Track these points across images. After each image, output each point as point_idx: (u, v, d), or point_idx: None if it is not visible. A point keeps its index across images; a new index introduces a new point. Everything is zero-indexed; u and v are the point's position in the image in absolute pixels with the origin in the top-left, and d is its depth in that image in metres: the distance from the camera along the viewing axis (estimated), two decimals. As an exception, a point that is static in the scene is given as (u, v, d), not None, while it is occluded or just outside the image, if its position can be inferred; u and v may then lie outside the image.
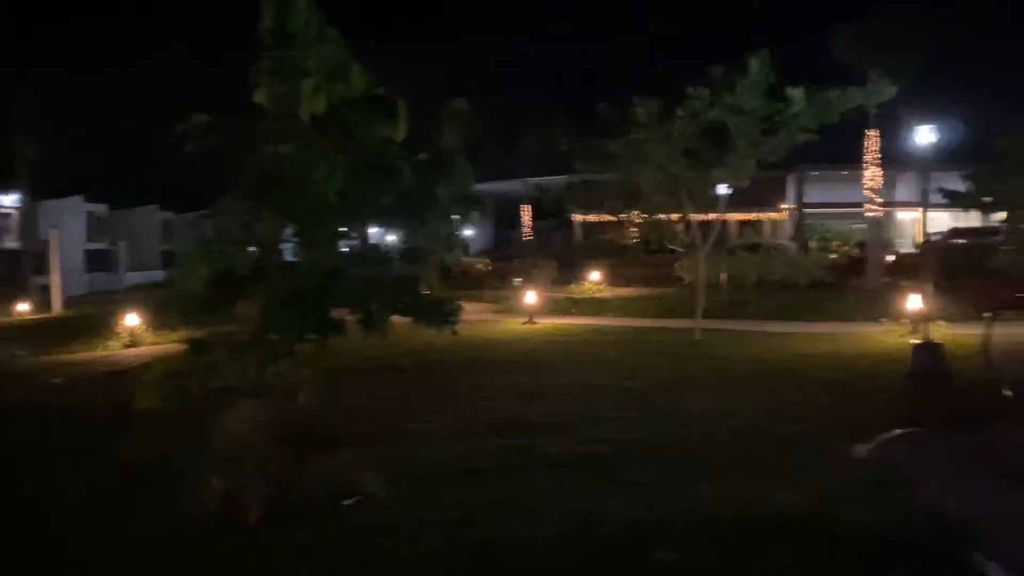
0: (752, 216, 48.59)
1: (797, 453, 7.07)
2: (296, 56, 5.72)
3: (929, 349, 10.67)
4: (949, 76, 50.23)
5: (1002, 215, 20.04)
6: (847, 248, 35.55)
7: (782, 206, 49.62)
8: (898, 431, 7.74)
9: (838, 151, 31.36)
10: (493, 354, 14.10)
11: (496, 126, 37.55)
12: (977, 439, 7.49)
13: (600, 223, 38.59)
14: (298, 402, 6.23)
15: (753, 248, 32.52)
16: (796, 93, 13.12)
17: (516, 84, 64.87)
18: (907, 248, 39.92)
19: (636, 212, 17.46)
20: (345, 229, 6.40)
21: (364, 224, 6.70)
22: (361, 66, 5.86)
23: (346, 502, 6.07)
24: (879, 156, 26.94)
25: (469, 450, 7.52)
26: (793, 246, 37.32)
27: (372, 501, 6.00)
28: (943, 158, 34.82)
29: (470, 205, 6.41)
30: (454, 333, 6.17)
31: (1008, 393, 7.53)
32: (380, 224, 7.14)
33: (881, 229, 29.16)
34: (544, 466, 6.85)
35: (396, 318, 6.01)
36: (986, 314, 11.16)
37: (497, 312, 20.85)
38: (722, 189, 17.14)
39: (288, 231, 6.20)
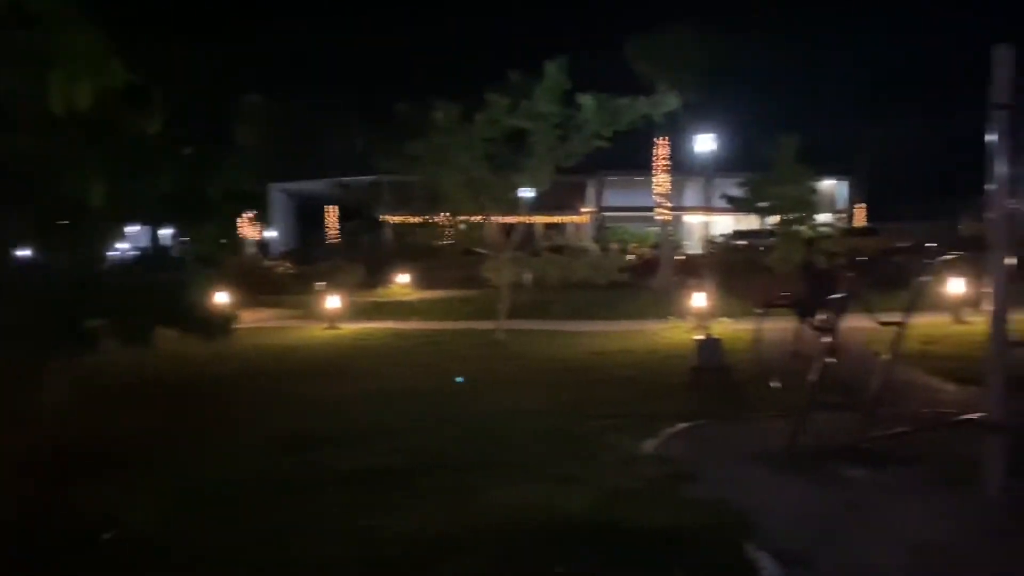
0: (556, 219, 50.25)
1: (589, 452, 7.17)
2: (39, 40, 5.02)
3: (710, 344, 11.36)
4: (733, 87, 54.31)
5: (775, 218, 21.88)
6: (644, 250, 37.56)
7: (584, 209, 51.73)
8: (681, 425, 8.11)
9: (637, 157, 33.04)
10: (289, 363, 13.46)
11: (303, 124, 36.32)
12: (748, 428, 8.01)
13: (411, 224, 38.34)
14: (54, 426, 5.53)
15: (557, 250, 33.51)
16: (587, 100, 13.59)
17: (323, 81, 63.07)
18: (696, 250, 42.68)
19: (442, 214, 17.40)
20: (106, 231, 5.75)
21: (124, 224, 6.04)
22: (119, 56, 5.26)
23: (106, 536, 5.45)
24: (668, 163, 28.69)
25: (253, 469, 7.02)
26: (595, 248, 38.91)
27: (135, 533, 5.42)
28: (725, 165, 37.62)
29: (245, 203, 5.97)
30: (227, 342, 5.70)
31: (776, 384, 8.07)
32: (146, 224, 6.49)
33: (671, 232, 31.04)
34: (333, 482, 6.51)
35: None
36: (758, 311, 12.05)
37: (297, 318, 20.05)
38: (525, 192, 17.46)
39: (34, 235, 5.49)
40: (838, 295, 8.79)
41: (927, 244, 31.99)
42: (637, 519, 5.35)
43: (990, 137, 5.43)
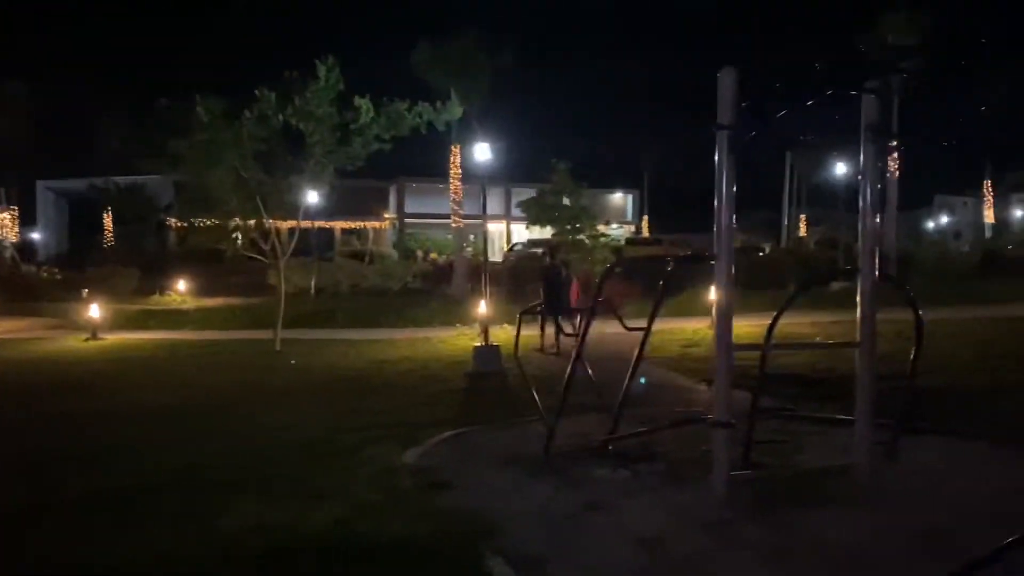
0: (355, 224, 49.47)
1: (348, 466, 6.95)
2: None
3: (487, 351, 11.50)
4: (527, 98, 56.12)
5: (554, 229, 22.60)
6: (444, 257, 37.73)
7: (385, 215, 51.29)
8: (448, 433, 8.07)
9: (439, 164, 33.02)
10: (40, 377, 12.16)
11: (71, 117, 33.20)
12: (513, 433, 8.11)
13: (197, 228, 36.11)
14: None
15: (356, 256, 32.85)
16: (364, 103, 13.39)
17: (97, 73, 58.23)
18: (495, 258, 43.49)
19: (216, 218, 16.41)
20: None
21: None
22: None
23: None
24: (460, 170, 28.92)
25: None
26: (395, 254, 38.62)
27: None
28: (522, 175, 38.54)
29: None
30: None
31: (536, 396, 8.15)
32: None
33: (466, 239, 31.42)
34: (61, 507, 5.87)
35: None
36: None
37: (55, 328, 18.25)
38: (310, 196, 16.89)
39: None
40: (602, 300, 9.10)
41: (707, 254, 34.54)
42: (380, 533, 5.19)
43: (716, 157, 5.79)
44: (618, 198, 63.43)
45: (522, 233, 45.13)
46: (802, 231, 52.24)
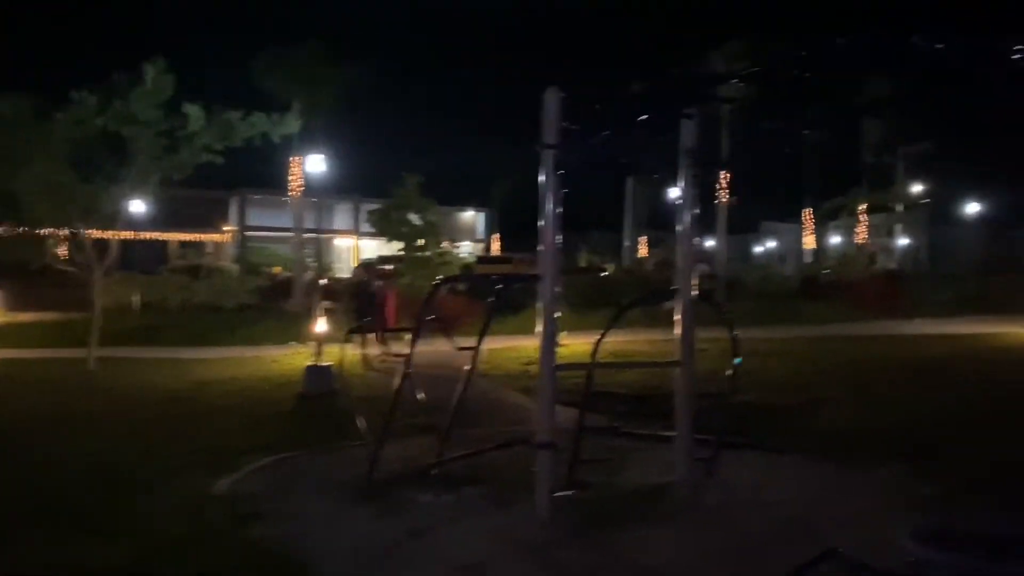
0: (193, 237, 47.04)
1: (152, 496, 6.39)
2: None
3: (319, 371, 11.05)
4: (374, 112, 55.49)
5: (399, 245, 22.25)
6: (288, 272, 36.40)
7: (225, 228, 49.07)
8: (268, 459, 7.62)
9: (285, 175, 31.79)
10: None
11: None
12: (339, 457, 7.76)
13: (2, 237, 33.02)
14: None
15: (193, 270, 31.10)
16: (193, 110, 12.66)
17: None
18: (344, 273, 42.52)
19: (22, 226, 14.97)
20: None
21: None
22: None
23: None
24: (302, 182, 27.95)
25: None
26: (236, 268, 36.92)
27: None
28: (373, 188, 37.76)
29: None
30: None
31: (360, 418, 7.81)
32: None
33: (308, 253, 30.48)
34: None
35: None
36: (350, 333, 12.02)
37: None
38: (133, 206, 15.76)
39: None
40: (432, 319, 8.92)
41: (532, 274, 35.19)
42: (178, 573, 4.76)
43: (540, 177, 5.78)
44: (469, 216, 63.80)
45: (374, 248, 44.39)
46: (642, 252, 54.31)
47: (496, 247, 58.69)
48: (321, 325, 14.74)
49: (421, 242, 19.81)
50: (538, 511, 5.66)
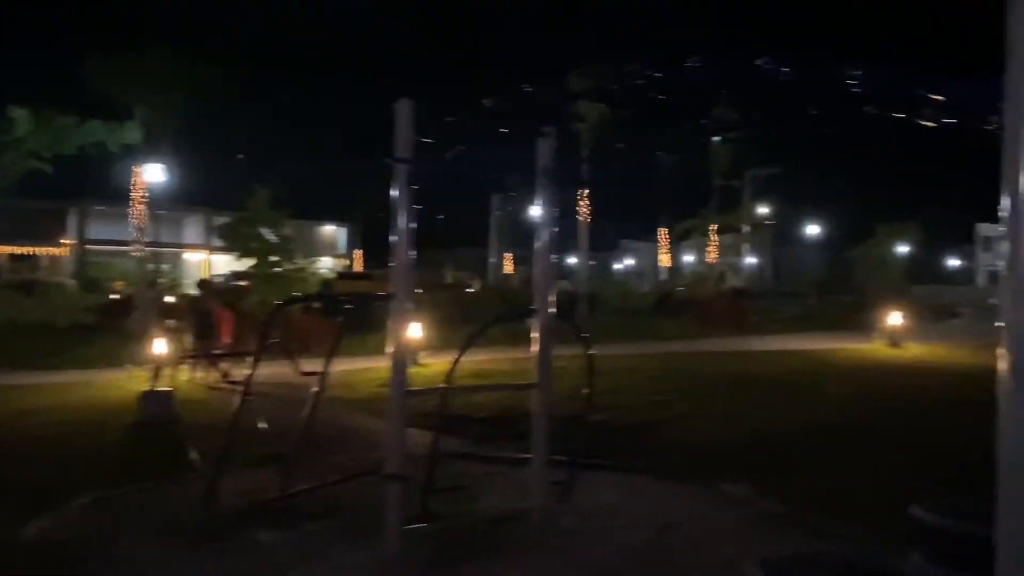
0: (25, 250, 43.51)
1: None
2: None
3: (156, 397, 10.26)
4: (238, 120, 53.28)
5: (249, 261, 21.21)
6: (131, 288, 34.15)
7: (63, 241, 45.68)
8: (91, 497, 6.90)
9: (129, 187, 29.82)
10: None
11: None
12: (174, 492, 7.15)
13: None
14: None
15: (26, 286, 28.61)
16: (21, 114, 11.58)
17: None
18: (193, 290, 40.32)
19: None
20: None
21: None
22: None
23: None
24: (145, 193, 26.28)
25: None
26: (73, 284, 34.33)
27: None
28: (228, 201, 36.11)
29: None
30: None
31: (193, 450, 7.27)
32: None
33: (152, 269, 28.72)
34: None
35: None
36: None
37: None
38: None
39: None
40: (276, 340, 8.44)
41: (385, 292, 34.80)
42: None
43: (393, 192, 5.54)
44: (330, 230, 62.39)
45: (226, 264, 42.42)
46: (508, 269, 54.75)
47: (358, 263, 57.61)
48: (159, 346, 13.80)
49: (274, 258, 18.97)
50: (387, 546, 5.35)
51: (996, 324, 2.46)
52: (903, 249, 39.08)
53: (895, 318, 18.99)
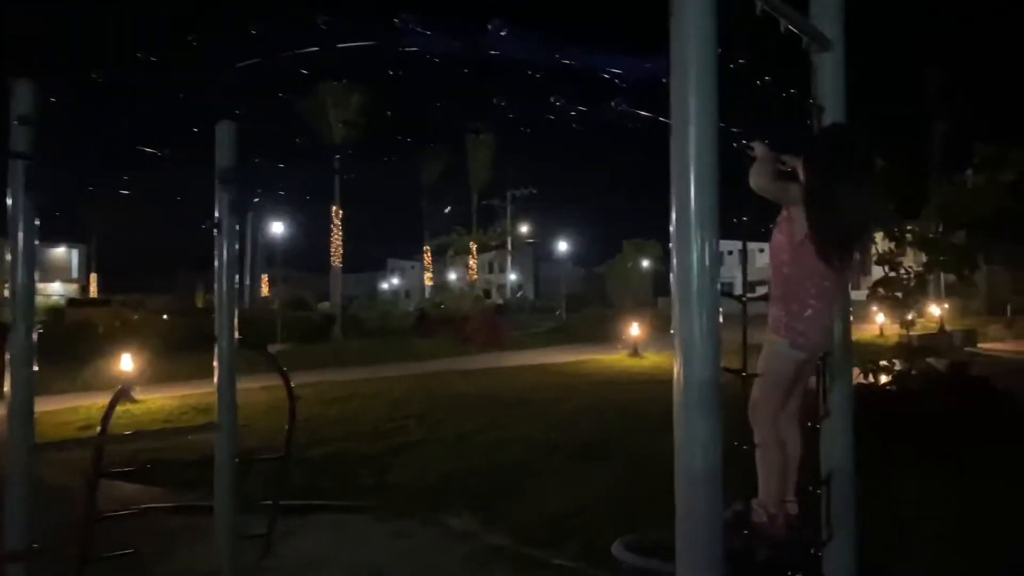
0: None
1: None
2: None
3: None
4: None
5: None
6: None
7: None
8: None
9: None
10: None
11: None
12: None
13: None
14: None
15: None
16: None
17: None
18: None
19: None
20: None
21: None
22: None
23: None
24: None
25: None
26: None
27: None
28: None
29: None
30: None
31: None
32: None
33: None
34: None
35: None
36: None
37: None
38: None
39: None
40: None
41: (163, 315, 31.90)
42: None
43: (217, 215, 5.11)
44: (60, 252, 56.10)
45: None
46: (264, 291, 52.05)
47: (93, 287, 52.18)
48: None
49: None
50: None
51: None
52: (647, 263, 41.72)
53: (635, 329, 19.83)
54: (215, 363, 5.37)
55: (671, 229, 2.35)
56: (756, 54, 2.84)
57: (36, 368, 4.44)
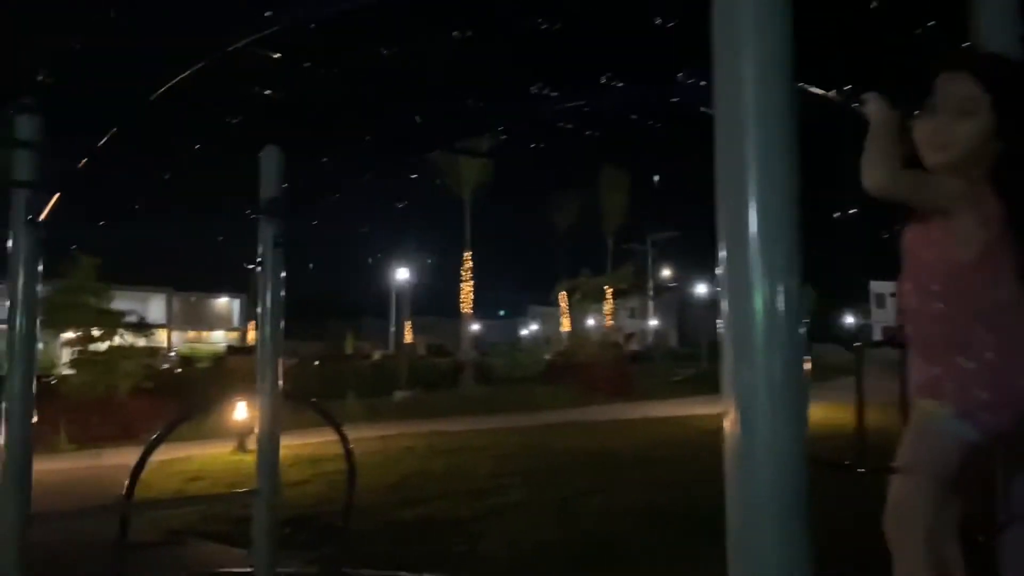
0: None
1: None
2: None
3: None
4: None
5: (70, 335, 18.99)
6: None
7: None
8: None
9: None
10: None
11: None
12: None
13: None
14: None
15: None
16: None
17: None
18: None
19: None
20: None
21: None
22: None
23: None
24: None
25: None
26: None
27: None
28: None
29: None
30: None
31: None
32: None
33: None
34: None
35: None
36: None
37: None
38: None
39: None
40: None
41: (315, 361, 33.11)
42: None
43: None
44: (223, 303, 59.60)
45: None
46: (408, 338, 52.87)
47: (252, 335, 54.83)
48: None
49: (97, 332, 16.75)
50: None
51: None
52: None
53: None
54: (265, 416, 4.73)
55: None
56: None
57: (35, 419, 3.94)
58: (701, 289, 53.81)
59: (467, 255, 28.76)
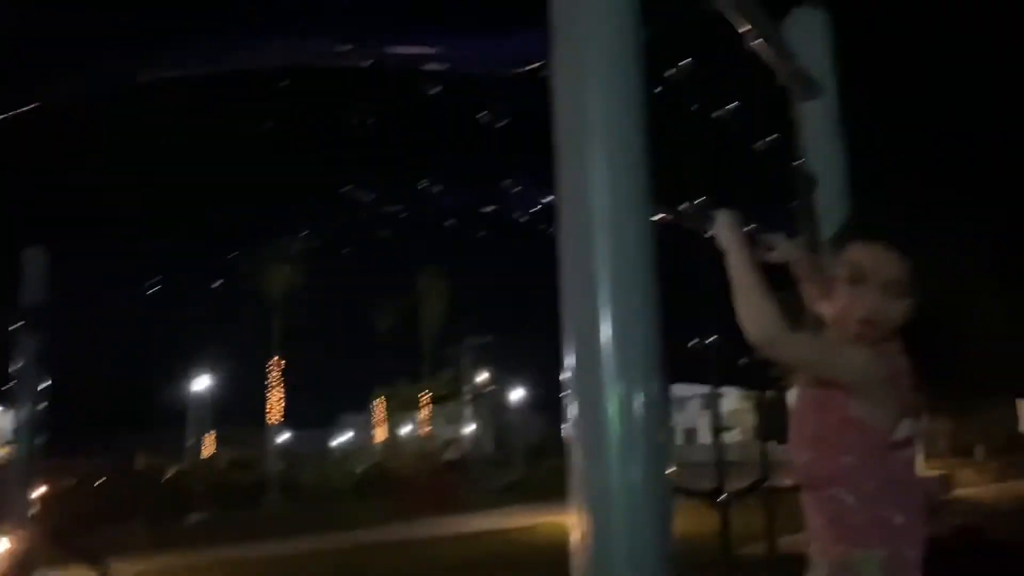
0: None
1: None
2: None
3: None
4: None
5: None
6: None
7: None
8: None
9: None
10: None
11: None
12: None
13: None
14: None
15: None
16: None
17: None
18: None
19: None
20: None
21: None
22: None
23: None
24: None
25: None
26: None
27: None
28: None
29: None
30: None
31: None
32: None
33: None
34: None
35: None
36: None
37: None
38: None
39: None
40: None
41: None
42: None
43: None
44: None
45: None
46: (209, 450, 48.95)
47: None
48: None
49: None
50: None
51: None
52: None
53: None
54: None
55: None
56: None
57: None
58: (517, 394, 54.20)
59: (275, 360, 27.38)
